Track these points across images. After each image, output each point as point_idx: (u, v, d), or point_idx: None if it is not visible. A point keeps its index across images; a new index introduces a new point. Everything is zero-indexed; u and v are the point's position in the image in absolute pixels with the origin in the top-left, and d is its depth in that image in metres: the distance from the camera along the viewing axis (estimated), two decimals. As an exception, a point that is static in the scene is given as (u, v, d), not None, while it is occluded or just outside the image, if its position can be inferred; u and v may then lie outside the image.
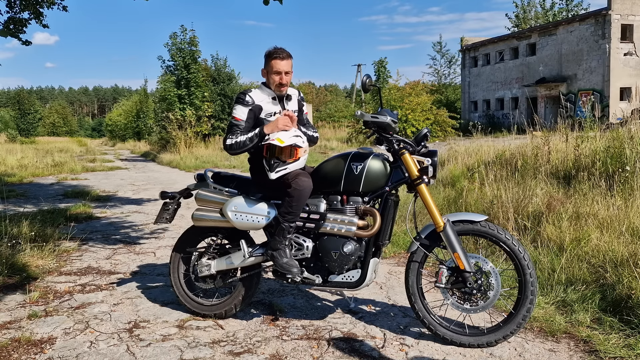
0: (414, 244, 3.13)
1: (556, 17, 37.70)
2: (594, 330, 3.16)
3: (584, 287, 3.63)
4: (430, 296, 3.46)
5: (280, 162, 3.14)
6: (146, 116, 39.87)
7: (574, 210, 4.71)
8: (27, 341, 3.16)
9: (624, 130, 6.12)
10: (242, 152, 3.29)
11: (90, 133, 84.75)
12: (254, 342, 3.16)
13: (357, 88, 53.02)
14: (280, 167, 3.14)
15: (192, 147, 22.49)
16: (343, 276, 3.18)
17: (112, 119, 55.22)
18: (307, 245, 3.22)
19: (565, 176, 5.99)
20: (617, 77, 25.35)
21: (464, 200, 5.91)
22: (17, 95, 54.70)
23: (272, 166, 3.14)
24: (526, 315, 2.96)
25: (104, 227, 6.90)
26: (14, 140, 39.71)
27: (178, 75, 24.21)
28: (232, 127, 3.27)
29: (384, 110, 3.09)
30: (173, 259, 3.66)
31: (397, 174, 3.12)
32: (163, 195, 3.70)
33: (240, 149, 3.23)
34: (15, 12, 8.15)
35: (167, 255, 5.22)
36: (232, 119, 3.29)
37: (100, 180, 13.67)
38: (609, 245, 3.95)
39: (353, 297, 3.81)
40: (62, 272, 4.72)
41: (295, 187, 3.07)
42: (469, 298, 3.02)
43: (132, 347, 3.10)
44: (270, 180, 3.20)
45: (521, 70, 31.15)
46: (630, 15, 25.42)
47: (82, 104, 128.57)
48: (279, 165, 3.14)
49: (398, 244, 5.27)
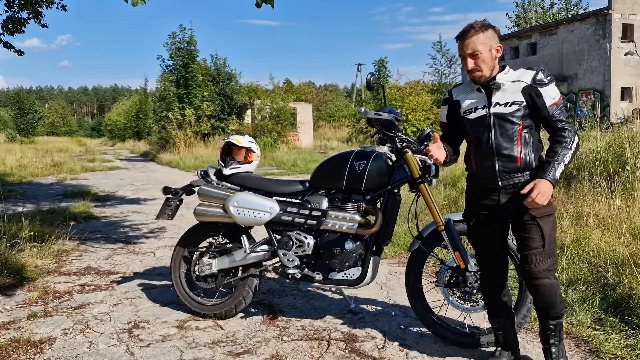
0: (415, 242, 3.12)
1: (555, 17, 37.69)
2: (594, 331, 3.15)
3: (585, 287, 3.62)
4: (431, 296, 3.45)
5: (235, 161, 3.54)
6: (146, 116, 39.83)
7: (575, 210, 4.71)
8: (26, 341, 3.15)
9: (625, 129, 6.11)
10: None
11: (89, 133, 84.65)
12: (254, 342, 3.15)
13: (357, 87, 53.04)
14: (235, 165, 3.53)
15: (191, 146, 22.46)
16: (343, 274, 3.19)
17: (112, 118, 55.16)
18: (309, 242, 3.23)
19: (565, 176, 5.98)
20: (618, 76, 25.34)
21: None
22: (17, 95, 54.63)
23: (227, 163, 3.53)
24: (526, 315, 2.95)
25: (103, 227, 6.89)
26: (14, 140, 39.67)
27: (177, 74, 24.19)
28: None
29: (387, 108, 3.08)
30: (174, 258, 3.66)
31: (400, 172, 3.11)
32: (166, 190, 3.71)
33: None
34: (14, 11, 8.15)
35: (166, 255, 5.21)
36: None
37: (100, 180, 13.66)
38: (610, 245, 3.94)
39: (353, 297, 3.80)
40: (61, 272, 4.71)
41: None
42: (469, 298, 3.01)
43: (131, 348, 3.09)
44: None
45: (521, 70, 31.13)
46: (631, 14, 25.41)
47: (81, 103, 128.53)
48: (234, 164, 3.53)
49: (398, 244, 5.27)
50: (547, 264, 2.49)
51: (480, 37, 2.44)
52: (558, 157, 2.41)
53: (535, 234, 2.49)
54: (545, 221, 2.49)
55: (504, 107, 2.49)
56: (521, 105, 2.48)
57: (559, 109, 2.48)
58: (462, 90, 2.69)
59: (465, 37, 2.46)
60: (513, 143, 2.49)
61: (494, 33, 2.48)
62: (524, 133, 2.50)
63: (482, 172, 2.58)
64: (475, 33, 2.44)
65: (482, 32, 2.45)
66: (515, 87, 2.50)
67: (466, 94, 2.65)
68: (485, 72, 2.48)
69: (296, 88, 43.94)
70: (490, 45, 2.46)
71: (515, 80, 2.50)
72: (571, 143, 2.44)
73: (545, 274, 2.48)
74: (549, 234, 2.49)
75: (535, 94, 2.47)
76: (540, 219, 2.48)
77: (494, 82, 2.50)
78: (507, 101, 2.49)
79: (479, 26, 2.46)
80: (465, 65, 2.51)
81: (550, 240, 2.50)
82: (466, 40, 2.45)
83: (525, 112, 2.48)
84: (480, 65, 2.46)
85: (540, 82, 2.46)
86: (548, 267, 2.49)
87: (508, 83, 2.51)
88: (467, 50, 2.45)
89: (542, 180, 2.38)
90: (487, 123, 2.53)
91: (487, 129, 2.52)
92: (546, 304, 2.56)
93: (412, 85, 25.91)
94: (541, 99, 2.46)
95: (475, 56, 2.45)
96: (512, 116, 2.48)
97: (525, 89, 2.48)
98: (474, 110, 2.58)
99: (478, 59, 2.46)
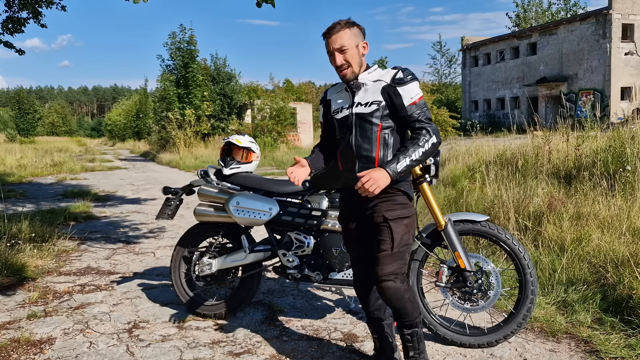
0: (415, 242, 3.12)
1: (554, 17, 37.68)
2: (594, 331, 3.15)
3: (585, 287, 3.62)
4: (431, 296, 3.45)
5: (235, 161, 3.53)
6: (146, 116, 39.82)
7: (575, 210, 4.70)
8: (26, 341, 3.15)
9: (625, 129, 6.11)
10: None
11: (89, 133, 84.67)
12: (254, 342, 3.15)
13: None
14: (234, 165, 3.52)
15: (191, 146, 22.47)
16: (343, 274, 3.20)
17: (112, 118, 55.19)
18: (309, 242, 3.24)
19: (566, 176, 5.98)
20: (618, 76, 25.34)
21: (465, 200, 5.91)
22: (17, 94, 54.63)
23: (227, 163, 3.53)
24: (527, 315, 2.95)
25: (103, 227, 6.89)
26: (13, 140, 39.69)
27: (177, 74, 24.19)
28: None
29: None
30: (174, 258, 3.66)
31: None
32: (166, 190, 3.71)
33: None
34: (14, 11, 8.14)
35: (166, 255, 5.21)
36: None
37: (100, 180, 13.66)
38: (610, 245, 3.94)
39: (353, 297, 3.80)
40: (61, 272, 4.71)
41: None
42: (469, 297, 3.01)
43: (131, 348, 3.09)
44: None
45: (522, 70, 31.15)
46: (631, 14, 25.40)
47: (81, 103, 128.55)
48: (234, 164, 3.52)
49: (398, 243, 5.25)
50: (394, 267, 2.42)
51: (347, 32, 2.41)
52: (405, 152, 2.34)
53: (386, 236, 2.43)
54: (398, 224, 2.43)
55: (364, 107, 2.44)
56: (380, 105, 2.42)
57: (419, 109, 2.41)
58: (335, 90, 2.64)
59: (332, 32, 2.41)
60: (372, 144, 2.43)
61: (359, 31, 2.47)
62: (384, 134, 2.43)
63: (346, 172, 2.55)
64: (341, 28, 2.40)
65: (348, 28, 2.41)
66: (377, 87, 2.45)
67: (337, 94, 2.60)
68: (354, 67, 2.44)
69: (296, 88, 43.85)
70: (357, 41, 2.43)
71: (377, 79, 2.46)
72: (425, 142, 2.35)
73: (389, 276, 2.41)
74: (400, 237, 2.43)
75: (393, 93, 2.41)
76: (392, 222, 2.42)
77: (354, 82, 2.47)
78: (367, 101, 2.44)
79: (345, 23, 2.43)
80: (334, 62, 2.44)
81: (400, 243, 2.43)
82: (333, 36, 2.41)
83: (384, 112, 2.42)
84: (349, 60, 2.41)
85: (400, 81, 2.41)
86: (394, 270, 2.42)
87: (370, 82, 2.47)
88: (335, 45, 2.41)
89: (380, 169, 2.30)
90: (349, 123, 2.48)
91: (349, 129, 2.48)
92: (395, 309, 2.49)
93: (412, 85, 25.84)
94: (399, 98, 2.40)
95: (344, 51, 2.41)
96: (371, 116, 2.43)
97: (384, 89, 2.43)
98: (340, 110, 2.54)
99: (347, 54, 2.41)
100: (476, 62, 35.71)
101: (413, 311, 2.52)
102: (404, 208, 2.45)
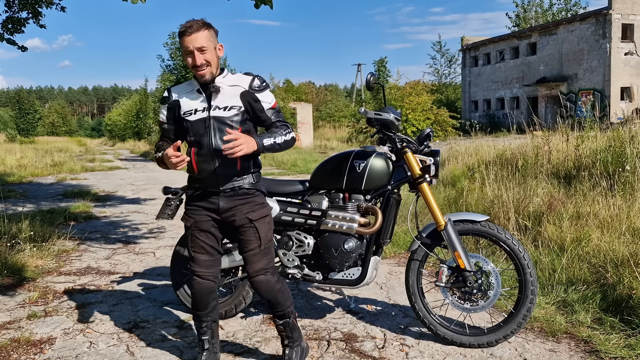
0: (415, 242, 3.13)
1: (555, 17, 37.68)
2: (594, 331, 3.16)
3: (585, 287, 3.62)
4: (431, 296, 3.45)
5: None
6: (146, 116, 39.80)
7: (575, 210, 4.71)
8: (26, 341, 3.15)
9: (625, 129, 6.11)
10: None
11: (89, 133, 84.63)
12: (254, 342, 3.15)
13: (357, 87, 53.01)
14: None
15: (191, 146, 22.44)
16: (343, 274, 3.19)
17: (112, 118, 55.12)
18: (308, 242, 3.23)
19: (565, 176, 5.98)
20: (618, 76, 25.35)
21: (465, 200, 5.91)
22: (17, 94, 54.63)
23: None
24: (526, 315, 2.95)
25: (103, 227, 6.89)
26: (14, 140, 39.68)
27: (177, 74, 24.17)
28: None
29: (387, 108, 3.09)
30: (174, 258, 3.66)
31: (400, 172, 3.12)
32: (166, 190, 3.70)
33: None
34: (13, 11, 8.15)
35: (166, 255, 5.21)
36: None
37: (100, 180, 13.66)
38: (610, 245, 3.94)
39: (353, 297, 3.80)
40: (61, 272, 4.71)
41: None
42: (469, 297, 3.01)
43: (131, 347, 3.09)
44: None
45: (522, 70, 31.15)
46: (630, 14, 25.41)
47: (81, 103, 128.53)
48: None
49: (398, 244, 5.27)
50: (263, 262, 2.61)
51: (206, 33, 2.45)
52: (272, 134, 2.55)
53: (252, 236, 2.59)
54: (262, 222, 2.61)
55: (223, 111, 2.52)
56: (240, 110, 2.54)
57: (276, 112, 2.63)
58: (182, 90, 2.65)
59: (191, 31, 2.43)
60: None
61: (215, 33, 2.53)
62: None
63: (203, 175, 2.58)
64: (199, 28, 2.44)
65: (206, 29, 2.46)
66: (234, 92, 2.55)
67: (187, 94, 2.61)
68: (213, 69, 2.49)
69: (296, 88, 43.91)
70: (215, 43, 2.50)
71: (234, 84, 2.56)
72: (287, 134, 2.60)
73: (261, 272, 2.61)
74: (265, 234, 2.62)
75: (253, 99, 2.56)
76: (257, 222, 2.59)
77: (213, 85, 2.52)
78: (226, 105, 2.53)
79: (202, 23, 2.47)
80: (192, 61, 2.46)
81: (266, 240, 2.63)
82: (193, 34, 2.43)
83: (244, 117, 2.56)
84: (209, 60, 2.46)
85: (257, 88, 2.56)
86: (264, 266, 2.61)
87: (227, 87, 2.55)
88: (195, 44, 2.43)
89: (250, 137, 2.44)
90: (207, 126, 2.53)
91: (206, 132, 2.53)
92: (268, 300, 2.67)
93: (411, 86, 25.90)
94: (259, 103, 2.57)
95: (204, 51, 2.44)
96: (230, 120, 2.52)
97: (243, 95, 2.55)
98: (194, 112, 2.56)
99: (206, 54, 2.45)
100: (476, 62, 35.71)
101: (285, 301, 2.68)
102: (263, 207, 2.64)
